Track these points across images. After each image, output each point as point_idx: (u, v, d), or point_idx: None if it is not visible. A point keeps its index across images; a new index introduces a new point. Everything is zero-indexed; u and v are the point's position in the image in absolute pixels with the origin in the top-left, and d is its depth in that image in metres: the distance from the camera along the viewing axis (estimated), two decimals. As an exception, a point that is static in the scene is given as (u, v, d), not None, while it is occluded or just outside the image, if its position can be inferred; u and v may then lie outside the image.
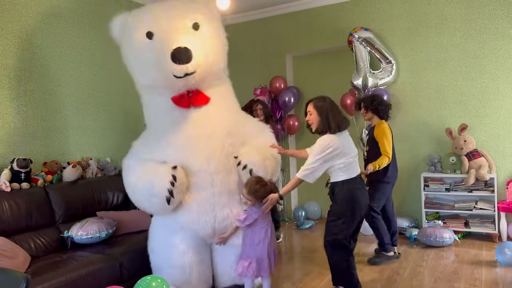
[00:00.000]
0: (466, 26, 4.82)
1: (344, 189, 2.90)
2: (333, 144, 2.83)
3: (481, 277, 3.55)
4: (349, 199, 2.89)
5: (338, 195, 2.92)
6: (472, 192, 4.64)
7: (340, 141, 2.88)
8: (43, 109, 3.81)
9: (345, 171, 2.89)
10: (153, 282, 2.62)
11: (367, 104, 4.12)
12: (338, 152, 2.84)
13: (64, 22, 4.03)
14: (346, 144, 2.91)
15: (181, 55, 2.66)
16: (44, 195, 3.45)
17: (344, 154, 2.86)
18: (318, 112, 2.94)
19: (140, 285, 2.63)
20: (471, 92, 4.84)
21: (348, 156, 2.88)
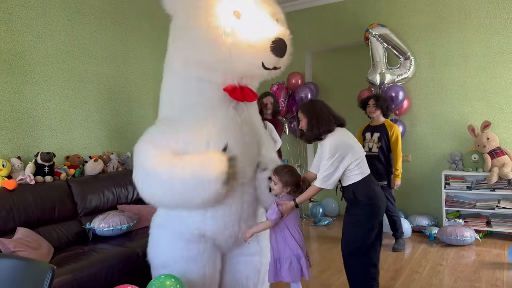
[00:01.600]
0: (491, 21, 4.71)
1: (366, 188, 2.65)
2: (341, 141, 2.61)
3: (503, 277, 3.49)
4: (373, 195, 2.66)
5: (363, 195, 2.63)
6: (494, 190, 4.56)
7: (346, 136, 2.68)
8: (66, 104, 3.89)
9: (360, 168, 2.64)
10: (167, 281, 2.60)
11: (381, 103, 4.28)
12: (349, 148, 2.60)
13: (87, 18, 4.10)
14: (353, 139, 2.70)
15: (280, 47, 2.40)
16: (66, 188, 3.52)
17: (355, 150, 2.62)
18: (308, 116, 2.68)
19: (154, 284, 2.62)
20: (495, 88, 4.74)
21: (359, 152, 2.66)
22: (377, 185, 2.74)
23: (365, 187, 2.65)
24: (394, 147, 4.23)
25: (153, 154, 2.60)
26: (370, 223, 2.64)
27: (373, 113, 4.33)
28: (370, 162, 4.26)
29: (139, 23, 4.66)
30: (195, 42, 2.52)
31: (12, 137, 3.47)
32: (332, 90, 5.81)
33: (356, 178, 2.64)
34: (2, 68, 3.41)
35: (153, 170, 2.54)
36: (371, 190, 2.66)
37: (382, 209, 2.70)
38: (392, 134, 4.24)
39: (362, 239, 2.64)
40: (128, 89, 4.53)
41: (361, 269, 2.65)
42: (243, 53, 2.44)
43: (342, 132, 2.69)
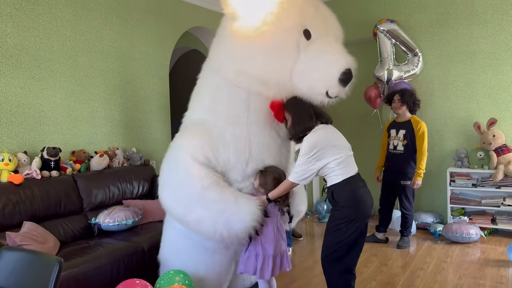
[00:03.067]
0: (498, 18, 4.68)
1: (346, 190, 2.46)
2: (321, 138, 2.45)
3: (507, 274, 3.48)
4: (354, 198, 2.46)
5: (341, 197, 2.47)
6: (500, 188, 4.54)
7: (328, 133, 2.51)
8: (72, 100, 3.90)
9: (342, 168, 2.44)
10: (176, 277, 2.62)
11: (407, 98, 4.15)
12: (329, 146, 2.43)
13: (93, 14, 4.10)
14: (336, 137, 2.53)
15: (348, 78, 2.35)
16: (72, 183, 3.54)
17: (336, 148, 2.45)
18: (291, 114, 2.54)
19: (163, 279, 2.64)
20: (501, 85, 4.71)
21: (342, 150, 2.47)
22: (362, 188, 2.51)
23: (346, 189, 2.46)
24: (419, 144, 4.12)
25: (195, 174, 2.45)
26: (348, 229, 2.45)
27: (399, 109, 4.24)
28: (394, 161, 4.31)
29: (145, 18, 4.66)
30: (256, 55, 2.35)
31: (19, 132, 3.49)
32: (337, 87, 5.78)
33: (337, 178, 2.46)
34: (9, 63, 3.43)
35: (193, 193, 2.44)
36: (353, 193, 2.46)
37: (363, 214, 2.48)
38: (418, 130, 4.13)
39: (338, 244, 2.47)
40: (134, 84, 4.54)
41: (336, 274, 2.52)
42: (309, 78, 2.35)
43: (326, 129, 2.52)
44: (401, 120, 4.30)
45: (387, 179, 4.41)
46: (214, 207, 2.41)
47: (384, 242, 4.46)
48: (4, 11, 3.40)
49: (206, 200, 2.41)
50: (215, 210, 2.41)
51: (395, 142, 4.29)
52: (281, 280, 3.38)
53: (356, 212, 2.45)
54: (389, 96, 4.41)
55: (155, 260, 3.22)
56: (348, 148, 2.54)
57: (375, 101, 5.14)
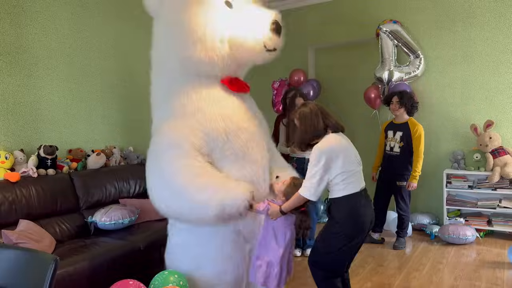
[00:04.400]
0: (495, 20, 4.70)
1: (345, 207, 2.37)
2: (329, 146, 2.37)
3: (503, 276, 3.49)
4: (351, 216, 2.37)
5: (338, 213, 2.39)
6: (496, 190, 4.55)
7: (337, 142, 2.41)
8: (69, 98, 3.89)
9: (346, 184, 2.35)
10: (170, 277, 2.60)
11: (405, 100, 4.15)
12: (337, 158, 2.34)
13: (91, 12, 4.10)
14: (345, 148, 2.42)
15: (279, 28, 2.51)
16: (69, 181, 3.53)
17: (344, 162, 2.34)
18: (300, 119, 2.50)
19: (157, 279, 2.63)
20: (498, 88, 4.73)
21: (349, 166, 2.37)
22: (363, 206, 2.40)
23: (344, 206, 2.38)
24: (416, 147, 4.13)
25: (179, 165, 2.42)
26: (338, 242, 2.38)
27: (397, 111, 4.25)
28: (390, 162, 4.33)
29: (144, 18, 4.64)
30: (191, 40, 2.49)
31: (15, 130, 3.48)
32: (335, 88, 5.79)
33: (338, 193, 2.38)
34: (6, 61, 3.42)
35: (179, 186, 2.40)
36: (351, 211, 2.37)
37: (358, 233, 2.39)
38: (415, 132, 4.13)
39: (326, 255, 2.43)
40: (132, 84, 4.54)
41: (321, 278, 2.49)
42: (244, 40, 2.51)
43: (335, 138, 2.43)
44: (398, 122, 4.31)
45: (383, 179, 4.42)
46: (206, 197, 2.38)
47: (380, 243, 4.47)
48: (2, 9, 3.39)
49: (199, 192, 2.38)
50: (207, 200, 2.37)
51: (391, 143, 4.30)
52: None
53: (351, 230, 2.38)
54: (387, 97, 4.42)
55: (151, 259, 3.22)
56: (357, 163, 2.43)
57: (374, 101, 5.16)
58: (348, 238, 2.38)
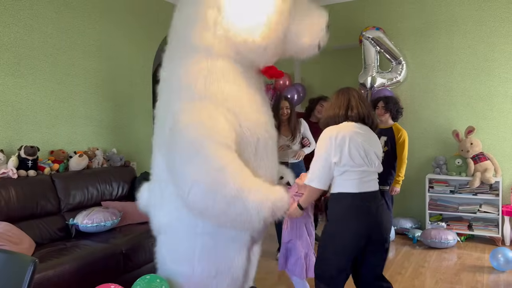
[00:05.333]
0: (477, 29, 4.80)
1: (339, 204, 2.23)
2: (337, 130, 2.22)
3: (482, 279, 3.54)
4: (343, 216, 2.21)
5: (331, 210, 2.27)
6: (476, 195, 4.63)
7: (349, 128, 2.23)
8: (52, 98, 3.83)
9: (347, 180, 2.20)
10: (152, 282, 2.58)
11: (391, 106, 4.18)
12: (343, 142, 2.16)
13: (75, 11, 4.04)
14: (356, 138, 2.21)
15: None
16: (50, 183, 3.47)
17: (350, 150, 2.16)
18: (332, 99, 2.42)
19: (139, 284, 2.59)
20: (479, 95, 4.82)
21: (356, 157, 2.18)
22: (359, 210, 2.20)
23: (338, 204, 2.24)
24: (399, 152, 4.14)
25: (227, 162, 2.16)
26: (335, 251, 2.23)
27: (382, 116, 4.26)
28: None
29: (128, 18, 4.62)
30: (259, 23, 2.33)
31: (-5, 130, 3.41)
32: (320, 92, 5.82)
33: (334, 187, 2.25)
34: (-13, 59, 3.35)
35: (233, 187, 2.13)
36: (344, 210, 2.21)
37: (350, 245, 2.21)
38: (399, 138, 4.15)
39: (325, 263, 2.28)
40: (116, 84, 4.49)
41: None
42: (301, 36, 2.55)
43: (347, 125, 2.27)
44: (383, 127, 4.35)
45: None
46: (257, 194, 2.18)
47: None
48: (-17, 6, 3.32)
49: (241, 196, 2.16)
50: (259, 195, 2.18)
51: None
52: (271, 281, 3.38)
53: (341, 233, 2.21)
54: (373, 102, 4.45)
55: (133, 263, 3.18)
56: (368, 163, 2.22)
57: (357, 107, 5.20)
58: (337, 241, 2.22)
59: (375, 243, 2.27)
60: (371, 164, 2.24)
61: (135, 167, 4.48)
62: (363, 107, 2.34)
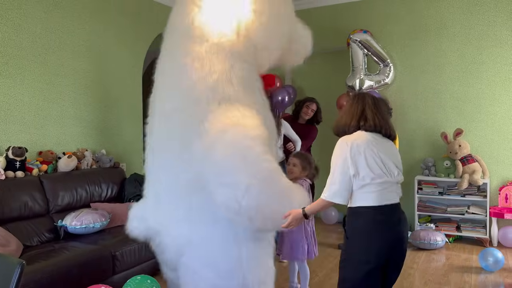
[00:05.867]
0: (465, 32, 4.85)
1: (358, 219, 2.06)
2: (354, 139, 2.06)
3: (470, 280, 3.58)
4: (362, 231, 2.04)
5: (349, 225, 2.11)
6: (465, 196, 4.68)
7: (364, 138, 2.07)
8: (40, 99, 3.80)
9: (364, 193, 2.02)
10: (143, 283, 2.57)
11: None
12: (360, 152, 2.02)
13: (65, 11, 4.01)
14: (374, 153, 2.04)
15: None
16: (38, 184, 3.44)
17: (367, 161, 2.01)
18: (345, 107, 2.25)
19: (129, 285, 2.59)
20: (467, 97, 4.87)
21: (375, 168, 2.02)
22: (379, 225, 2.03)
23: (357, 219, 2.07)
24: None
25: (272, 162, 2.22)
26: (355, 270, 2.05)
27: None
28: None
29: (119, 19, 4.60)
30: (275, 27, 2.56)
31: (-17, 131, 3.37)
32: (310, 94, 5.85)
33: (353, 202, 2.08)
34: (-26, 59, 3.31)
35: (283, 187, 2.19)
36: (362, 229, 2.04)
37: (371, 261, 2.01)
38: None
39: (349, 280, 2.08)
40: (106, 85, 4.46)
41: None
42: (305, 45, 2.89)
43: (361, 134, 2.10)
44: None
45: None
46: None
47: None
48: (-29, 5, 3.29)
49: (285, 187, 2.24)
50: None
51: None
52: None
53: (360, 251, 2.03)
54: None
55: (122, 264, 3.16)
56: (387, 174, 2.05)
57: (346, 109, 5.24)
58: (360, 262, 2.03)
59: (397, 258, 2.12)
60: (391, 174, 2.06)
61: (124, 169, 4.45)
62: (380, 118, 2.14)
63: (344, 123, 2.18)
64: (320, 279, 3.61)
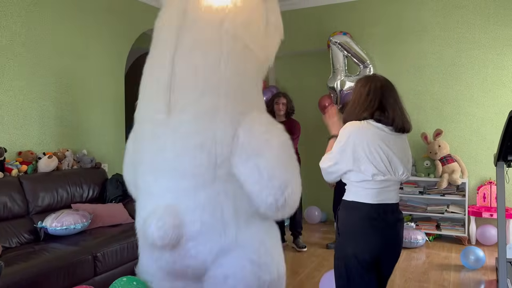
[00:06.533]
0: (445, 35, 4.95)
1: (351, 215, 1.98)
2: (359, 127, 1.93)
3: (449, 278, 3.66)
4: (354, 228, 1.97)
5: (342, 220, 2.02)
6: (444, 196, 4.78)
7: (374, 133, 1.93)
8: (20, 98, 3.73)
9: (362, 189, 1.94)
10: (128, 284, 2.55)
11: None
12: (361, 141, 1.90)
13: (45, 9, 3.95)
14: (387, 146, 1.93)
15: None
16: (18, 185, 3.37)
17: (373, 153, 1.89)
18: (355, 92, 2.10)
19: (115, 286, 2.57)
20: (446, 98, 4.97)
21: (383, 166, 1.91)
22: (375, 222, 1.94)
23: (351, 214, 1.98)
24: None
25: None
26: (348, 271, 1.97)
27: None
28: None
29: (101, 17, 4.55)
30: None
31: (-40, 130, 3.29)
32: (294, 95, 5.88)
33: (348, 195, 2.01)
34: (-49, 57, 3.23)
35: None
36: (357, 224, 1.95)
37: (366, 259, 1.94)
38: None
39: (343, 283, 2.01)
40: (86, 84, 4.41)
41: None
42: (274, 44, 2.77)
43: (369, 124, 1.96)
44: None
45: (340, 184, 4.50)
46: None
47: None
48: None
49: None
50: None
51: None
52: None
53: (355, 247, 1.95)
54: (343, 105, 4.54)
55: (104, 265, 3.13)
56: (391, 172, 1.94)
57: (328, 109, 5.29)
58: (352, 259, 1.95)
59: (390, 258, 2.06)
60: (395, 172, 1.96)
61: (106, 169, 4.40)
62: (397, 110, 2.03)
63: (356, 115, 2.00)
64: (302, 278, 3.64)
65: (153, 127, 2.24)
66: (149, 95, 2.32)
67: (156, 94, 2.23)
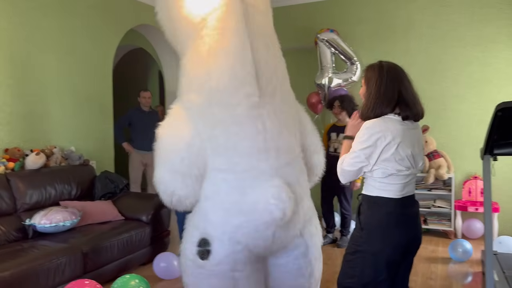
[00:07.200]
0: (432, 32, 5.02)
1: (375, 210, 1.94)
2: (382, 130, 1.86)
3: (437, 270, 3.72)
4: (380, 223, 1.92)
5: (365, 215, 1.96)
6: (431, 190, 4.84)
7: (397, 130, 1.87)
8: (7, 95, 3.68)
9: (385, 184, 1.91)
10: (131, 281, 2.61)
11: (346, 104, 4.31)
12: (390, 144, 1.85)
13: (32, 5, 3.90)
14: (409, 141, 1.90)
15: None
16: (5, 182, 3.33)
17: (396, 151, 1.86)
18: (374, 82, 2.00)
19: (117, 283, 2.62)
20: (433, 95, 5.03)
21: (401, 159, 1.87)
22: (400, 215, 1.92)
23: (375, 208, 1.94)
24: None
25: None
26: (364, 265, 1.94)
27: (339, 114, 4.41)
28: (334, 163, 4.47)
29: (88, 13, 4.50)
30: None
31: None
32: (283, 91, 5.92)
33: (372, 190, 1.95)
34: None
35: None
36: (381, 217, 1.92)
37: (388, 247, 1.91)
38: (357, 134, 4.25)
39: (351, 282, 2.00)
40: (75, 81, 4.36)
41: None
42: None
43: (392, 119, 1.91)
44: (341, 124, 4.46)
45: (327, 180, 4.51)
46: None
47: (334, 242, 4.60)
48: None
49: None
50: None
51: (335, 145, 4.44)
52: None
53: (378, 244, 1.91)
54: (329, 102, 4.59)
55: (94, 263, 3.11)
56: (413, 165, 1.92)
57: (316, 106, 5.31)
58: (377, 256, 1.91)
59: (411, 253, 2.05)
60: (416, 165, 1.95)
61: (94, 166, 4.37)
62: (416, 101, 1.98)
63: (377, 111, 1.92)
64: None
65: (248, 111, 2.27)
66: (231, 82, 2.28)
67: (243, 80, 2.26)
